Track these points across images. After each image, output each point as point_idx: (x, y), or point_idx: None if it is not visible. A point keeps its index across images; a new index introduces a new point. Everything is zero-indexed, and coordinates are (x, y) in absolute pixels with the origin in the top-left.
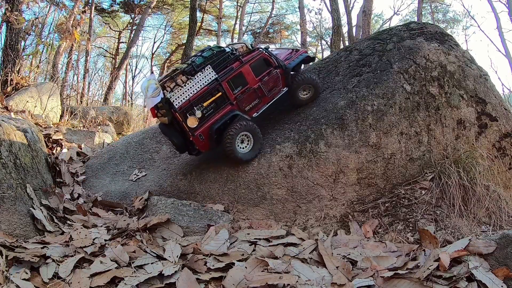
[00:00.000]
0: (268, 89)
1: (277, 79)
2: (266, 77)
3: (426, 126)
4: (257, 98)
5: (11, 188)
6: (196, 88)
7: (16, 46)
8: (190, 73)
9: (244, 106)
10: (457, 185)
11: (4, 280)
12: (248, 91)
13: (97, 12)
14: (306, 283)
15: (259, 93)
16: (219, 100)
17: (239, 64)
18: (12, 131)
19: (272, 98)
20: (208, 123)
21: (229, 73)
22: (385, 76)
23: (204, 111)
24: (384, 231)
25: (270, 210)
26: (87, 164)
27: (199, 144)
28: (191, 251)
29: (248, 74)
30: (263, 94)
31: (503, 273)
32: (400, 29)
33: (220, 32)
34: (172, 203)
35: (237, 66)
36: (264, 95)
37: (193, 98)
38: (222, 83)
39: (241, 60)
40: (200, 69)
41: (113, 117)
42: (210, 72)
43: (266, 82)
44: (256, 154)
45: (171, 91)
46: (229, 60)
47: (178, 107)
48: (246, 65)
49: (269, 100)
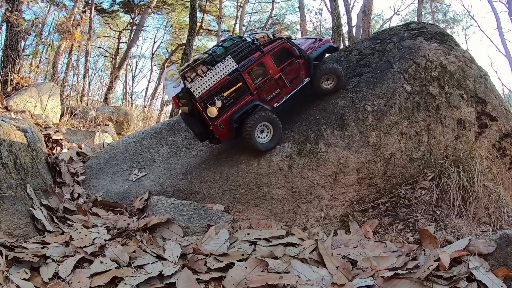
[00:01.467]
0: (289, 79)
1: (298, 69)
2: (287, 67)
3: (426, 126)
4: (278, 88)
5: (11, 188)
6: (216, 78)
7: (16, 46)
8: (210, 63)
9: (264, 96)
10: (457, 185)
11: (4, 280)
12: (269, 81)
13: (97, 12)
14: (306, 283)
15: (280, 84)
16: (239, 90)
17: (260, 54)
18: (12, 131)
19: (293, 88)
20: (229, 113)
21: (250, 63)
22: (385, 76)
23: (225, 101)
24: (384, 231)
25: (270, 210)
26: (87, 164)
27: (219, 133)
28: (191, 251)
29: (269, 64)
30: (284, 85)
31: (503, 273)
32: (400, 29)
33: (220, 32)
34: (172, 203)
35: (258, 56)
36: (285, 86)
37: (213, 88)
38: (243, 73)
39: (262, 50)
40: (221, 59)
41: (113, 117)
42: (231, 62)
43: (288, 72)
44: (275, 145)
45: (191, 81)
46: (250, 50)
47: (199, 97)
48: (267, 55)
49: (291, 90)
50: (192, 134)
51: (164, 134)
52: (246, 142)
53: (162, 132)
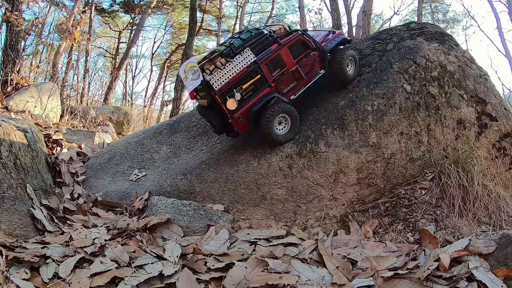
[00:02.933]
0: (305, 71)
1: (314, 62)
2: (303, 59)
3: (426, 126)
4: (295, 80)
5: (11, 188)
6: (235, 70)
7: (16, 46)
8: (229, 55)
9: (282, 88)
10: (457, 185)
11: (4, 280)
12: (286, 74)
13: (97, 12)
14: (306, 283)
15: (296, 76)
16: (258, 82)
17: (277, 46)
18: (12, 131)
19: (309, 80)
20: (247, 105)
21: (268, 55)
22: (385, 76)
23: (243, 93)
24: (384, 231)
25: (270, 210)
26: (87, 164)
27: (238, 126)
28: (191, 251)
29: (286, 56)
30: (301, 77)
31: (503, 273)
32: (400, 29)
33: (220, 32)
34: (172, 203)
35: (275, 48)
36: (302, 78)
37: (232, 81)
38: (261, 66)
39: (279, 42)
40: (239, 52)
41: (113, 117)
42: (249, 55)
43: (304, 64)
44: (293, 136)
45: (210, 74)
46: (267, 42)
47: (218, 90)
48: (284, 47)
49: (307, 82)
50: (209, 127)
51: (164, 134)
52: (264, 134)
53: (162, 132)
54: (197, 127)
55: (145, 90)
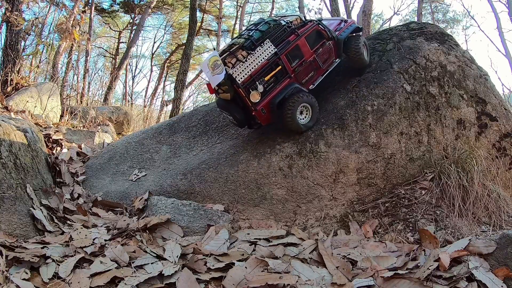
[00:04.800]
0: (322, 61)
1: (330, 51)
2: (320, 49)
3: (426, 126)
4: (313, 70)
5: (11, 188)
6: (257, 63)
7: (16, 46)
8: (250, 48)
9: (301, 79)
10: (457, 185)
11: (4, 280)
12: (304, 64)
13: (97, 12)
14: (306, 283)
15: (314, 65)
16: (279, 74)
17: (295, 37)
18: (12, 131)
19: (326, 70)
20: (269, 97)
21: (287, 46)
22: (385, 76)
23: (265, 85)
24: (384, 231)
25: (270, 210)
26: (87, 164)
27: (261, 118)
28: (191, 251)
29: (304, 46)
30: (318, 66)
31: (503, 273)
32: (400, 29)
33: (220, 32)
34: (172, 203)
35: (293, 39)
36: (319, 67)
37: (255, 73)
38: (281, 57)
39: (297, 33)
40: (259, 44)
41: (113, 117)
42: (270, 46)
43: (320, 54)
44: (313, 124)
45: (232, 67)
46: (285, 33)
47: (241, 83)
48: (301, 37)
49: (324, 72)
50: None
51: (164, 134)
52: (287, 124)
53: (162, 132)
54: (197, 127)
55: (145, 90)
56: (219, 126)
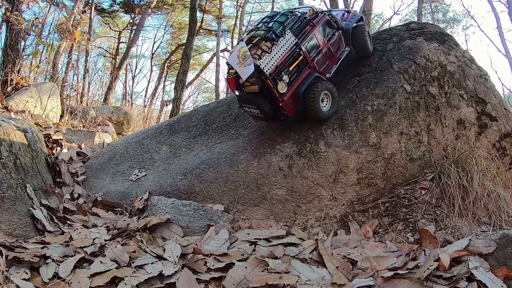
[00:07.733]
0: (335, 49)
1: (340, 40)
2: (332, 39)
3: (426, 126)
4: (328, 59)
5: (11, 188)
6: (281, 53)
7: (16, 46)
8: (273, 39)
9: (319, 68)
10: (457, 185)
11: (4, 280)
12: (321, 53)
13: (97, 12)
14: (306, 283)
15: (329, 54)
16: (301, 64)
17: (311, 27)
18: (12, 131)
19: (339, 58)
20: (294, 87)
21: (306, 36)
22: (385, 76)
23: (290, 75)
24: (384, 231)
25: (270, 210)
26: (87, 164)
27: (288, 108)
28: (191, 251)
29: (319, 36)
30: (332, 55)
31: (503, 273)
32: (400, 29)
33: (220, 32)
34: (172, 203)
35: (309, 29)
36: (333, 56)
37: (280, 64)
38: (302, 47)
39: (312, 23)
40: (282, 34)
41: (113, 117)
42: (291, 37)
43: (333, 43)
44: (334, 111)
45: (259, 58)
46: (302, 24)
47: (269, 74)
48: (316, 28)
49: (337, 60)
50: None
51: (164, 134)
52: (310, 112)
53: (162, 132)
54: (197, 127)
55: (145, 90)
56: (219, 126)
